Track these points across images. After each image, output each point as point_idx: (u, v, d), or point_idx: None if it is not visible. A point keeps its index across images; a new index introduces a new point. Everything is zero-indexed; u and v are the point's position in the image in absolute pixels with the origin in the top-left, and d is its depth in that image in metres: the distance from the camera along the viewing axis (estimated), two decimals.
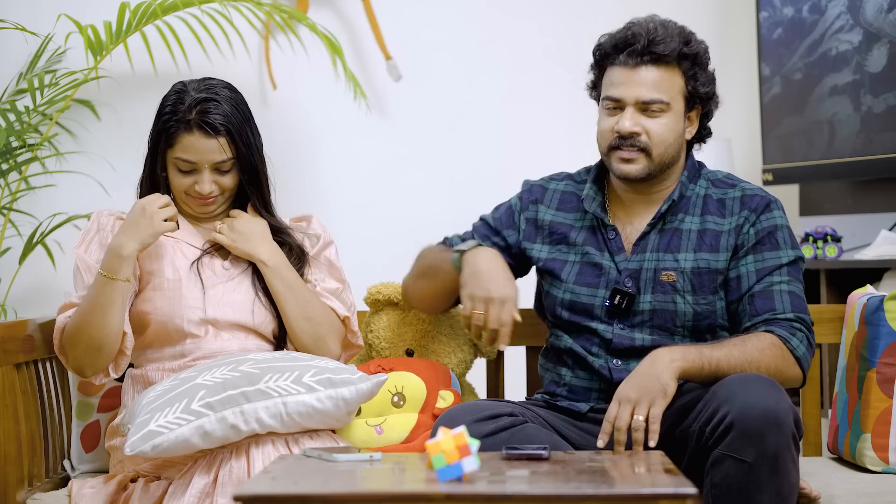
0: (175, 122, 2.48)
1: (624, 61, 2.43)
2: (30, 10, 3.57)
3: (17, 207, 3.49)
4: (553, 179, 2.61)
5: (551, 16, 3.87)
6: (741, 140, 4.10)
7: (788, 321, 2.39)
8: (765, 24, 3.88)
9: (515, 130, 3.76)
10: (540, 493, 1.81)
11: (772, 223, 2.46)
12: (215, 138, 2.47)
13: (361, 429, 2.55)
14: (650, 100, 2.42)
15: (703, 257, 2.45)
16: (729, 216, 2.47)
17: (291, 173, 3.69)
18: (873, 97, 3.46)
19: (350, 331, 2.62)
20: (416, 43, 3.87)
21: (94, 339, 2.44)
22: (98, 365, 2.48)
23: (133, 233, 2.45)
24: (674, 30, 2.45)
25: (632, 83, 2.43)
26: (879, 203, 3.67)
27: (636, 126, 2.42)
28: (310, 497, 1.82)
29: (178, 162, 2.50)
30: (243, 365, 2.36)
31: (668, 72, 2.43)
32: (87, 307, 2.45)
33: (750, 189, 2.50)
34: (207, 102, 2.47)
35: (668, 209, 2.48)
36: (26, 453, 2.54)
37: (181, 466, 2.38)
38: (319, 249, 2.64)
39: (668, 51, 2.42)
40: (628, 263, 2.46)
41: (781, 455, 2.13)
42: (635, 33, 2.44)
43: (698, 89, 2.47)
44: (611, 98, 2.45)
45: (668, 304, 2.43)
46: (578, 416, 2.47)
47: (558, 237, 2.53)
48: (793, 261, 2.44)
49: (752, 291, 2.41)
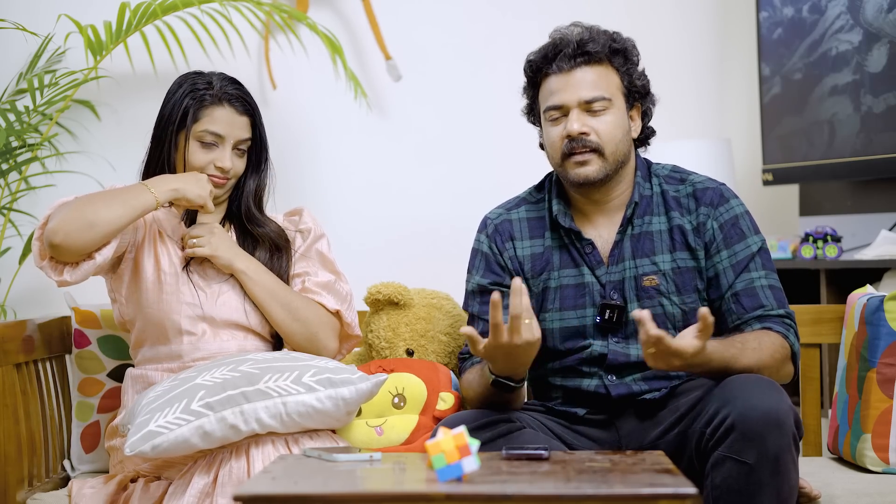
0: (205, 96, 2.53)
1: (558, 67, 2.43)
2: (30, 10, 3.57)
3: (17, 207, 3.49)
4: (511, 209, 2.56)
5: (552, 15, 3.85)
6: (741, 140, 4.10)
7: (780, 317, 2.40)
8: (765, 24, 3.88)
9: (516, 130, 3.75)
10: (540, 493, 1.81)
11: (731, 214, 2.46)
12: (243, 116, 2.56)
13: (362, 429, 2.55)
14: (592, 98, 2.41)
15: (680, 256, 2.44)
16: (687, 214, 2.46)
17: (291, 173, 3.69)
18: (873, 97, 3.46)
19: (345, 322, 2.62)
20: (416, 43, 3.87)
21: (95, 214, 2.38)
22: (72, 239, 2.36)
23: (189, 181, 2.49)
24: (598, 30, 2.47)
25: (570, 86, 2.42)
26: (879, 203, 3.67)
27: (584, 126, 2.41)
28: (310, 497, 1.82)
29: (203, 135, 2.53)
30: (243, 365, 2.36)
31: (602, 69, 2.44)
32: (110, 194, 2.45)
33: (699, 182, 2.49)
34: (234, 84, 2.58)
35: (633, 213, 2.46)
36: (26, 453, 2.54)
37: (181, 467, 2.38)
38: (311, 243, 2.65)
39: (598, 48, 2.43)
40: (610, 276, 2.45)
41: (782, 456, 2.12)
42: (563, 38, 2.45)
43: (634, 83, 2.47)
44: (553, 107, 2.44)
45: (655, 308, 2.42)
46: (575, 419, 2.46)
47: (539, 268, 2.49)
48: (761, 247, 2.45)
49: (734, 290, 2.41)
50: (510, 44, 3.87)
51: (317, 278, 2.61)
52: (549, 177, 2.57)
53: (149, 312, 2.51)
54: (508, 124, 3.78)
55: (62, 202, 2.46)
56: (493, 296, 2.14)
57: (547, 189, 2.54)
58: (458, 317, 2.82)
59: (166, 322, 2.50)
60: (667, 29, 4.00)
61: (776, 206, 4.16)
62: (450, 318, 2.82)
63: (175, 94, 2.56)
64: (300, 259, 2.63)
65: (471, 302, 2.52)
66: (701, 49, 4.08)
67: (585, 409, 2.45)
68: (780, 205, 4.15)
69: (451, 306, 2.85)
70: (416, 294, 2.83)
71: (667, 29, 4.00)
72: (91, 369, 2.75)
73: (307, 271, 2.62)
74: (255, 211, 2.62)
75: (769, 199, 4.15)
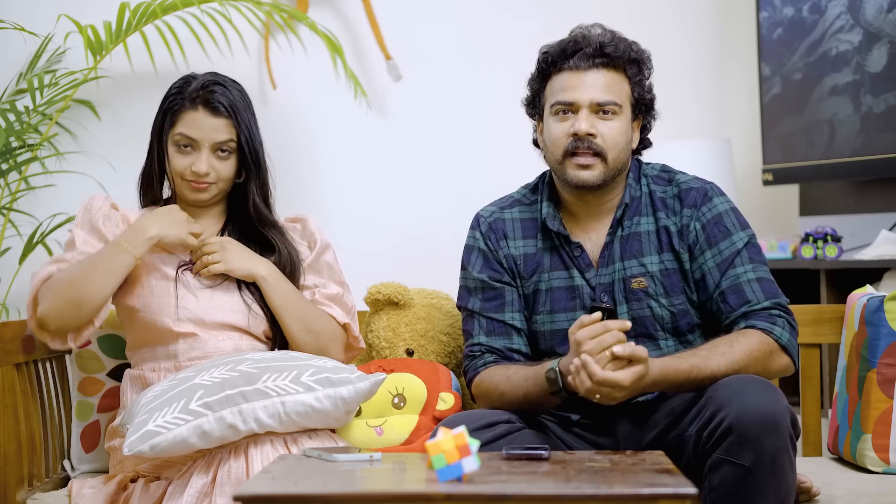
0: (180, 100, 2.51)
1: (574, 65, 2.42)
2: (30, 10, 3.57)
3: (17, 207, 3.49)
4: (504, 208, 2.54)
5: (552, 15, 3.86)
6: (741, 140, 4.10)
7: (766, 310, 2.37)
8: (765, 24, 3.88)
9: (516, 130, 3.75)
10: (540, 493, 1.81)
11: (715, 212, 2.44)
12: (219, 118, 2.51)
13: (362, 430, 2.55)
14: (605, 101, 2.40)
15: (667, 258, 2.43)
16: (672, 215, 2.45)
17: (291, 173, 3.69)
18: (873, 97, 3.46)
19: (352, 336, 2.62)
20: (417, 43, 3.87)
21: (79, 296, 2.42)
22: (67, 323, 2.44)
23: (166, 224, 2.48)
24: (620, 37, 2.45)
25: (584, 85, 2.41)
26: (879, 203, 3.67)
27: (592, 128, 2.39)
28: (310, 497, 1.82)
29: (178, 138, 2.51)
30: (241, 364, 2.36)
31: (616, 76, 2.42)
32: (88, 265, 2.44)
33: (684, 183, 2.47)
34: (215, 85, 2.53)
35: (623, 214, 2.45)
36: (26, 453, 2.54)
37: (180, 466, 2.38)
38: (318, 254, 2.63)
39: (618, 53, 2.41)
40: (599, 278, 2.44)
41: (779, 458, 2.12)
42: (586, 36, 2.43)
43: (644, 96, 2.46)
44: (563, 102, 2.42)
45: (644, 310, 2.41)
46: (569, 423, 2.45)
47: (531, 268, 2.48)
48: (747, 242, 2.42)
49: (720, 289, 2.39)
50: (510, 43, 3.88)
51: (326, 290, 2.61)
52: (542, 177, 2.56)
53: (142, 316, 2.51)
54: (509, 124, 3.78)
55: (43, 276, 2.46)
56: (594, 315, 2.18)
57: (540, 191, 2.53)
58: (458, 317, 2.82)
59: (159, 325, 2.49)
60: (667, 29, 4.00)
61: (776, 206, 4.16)
62: (450, 318, 2.82)
63: (164, 98, 2.56)
64: (309, 271, 2.62)
65: (471, 298, 2.49)
66: (701, 49, 4.09)
67: (578, 414, 2.44)
68: (780, 205, 4.15)
69: (450, 306, 2.85)
70: (416, 294, 2.83)
71: (667, 29, 4.00)
72: (91, 369, 2.74)
73: (317, 283, 2.62)
74: (265, 212, 2.61)
75: (769, 199, 4.15)
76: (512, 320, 2.46)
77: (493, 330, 2.46)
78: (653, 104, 2.49)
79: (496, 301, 2.47)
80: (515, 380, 2.36)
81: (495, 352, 2.44)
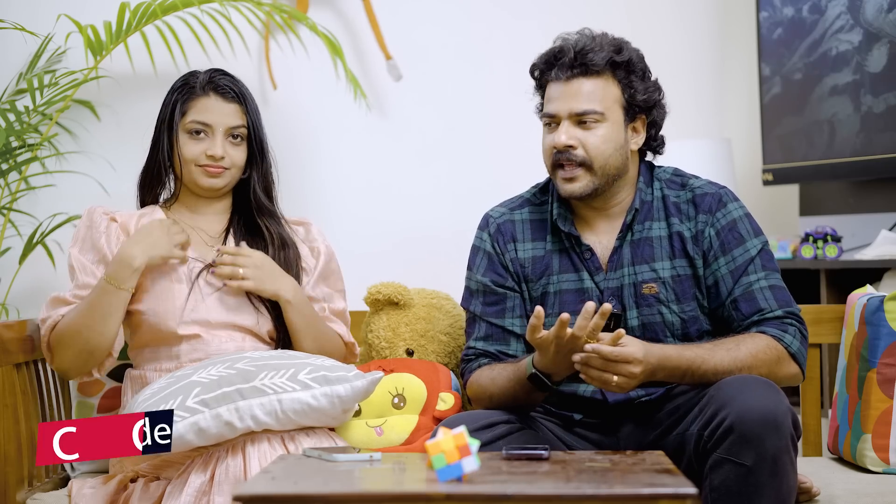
0: (189, 90, 2.55)
1: (556, 76, 2.41)
2: (30, 10, 3.57)
3: (17, 207, 3.49)
4: (514, 209, 2.53)
5: (552, 15, 3.87)
6: (741, 140, 4.10)
7: (778, 319, 2.37)
8: (765, 24, 3.88)
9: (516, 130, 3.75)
10: (540, 493, 1.81)
11: (729, 219, 2.43)
12: (231, 103, 2.56)
13: (362, 430, 2.55)
14: (582, 111, 2.38)
15: (679, 263, 2.42)
16: (686, 221, 2.44)
17: (291, 173, 3.68)
18: (873, 97, 3.46)
19: (351, 353, 2.66)
20: (417, 43, 3.87)
21: (88, 344, 2.46)
22: (84, 368, 2.50)
23: (147, 246, 2.47)
24: (604, 40, 2.42)
25: (564, 96, 2.40)
26: (879, 203, 3.67)
27: (571, 139, 2.38)
28: (310, 497, 1.82)
29: (191, 125, 2.54)
30: (239, 362, 2.36)
31: (601, 82, 2.40)
32: (86, 312, 2.45)
33: (699, 188, 2.46)
34: (222, 75, 2.59)
35: (633, 219, 2.45)
36: (26, 453, 2.54)
37: (179, 466, 2.38)
38: (325, 262, 2.64)
39: (597, 60, 2.38)
40: (608, 282, 2.43)
41: (780, 458, 2.12)
42: (563, 47, 2.42)
43: (636, 97, 2.42)
44: (547, 114, 2.43)
45: (654, 316, 2.41)
46: (571, 422, 2.45)
47: (540, 271, 2.47)
48: (761, 249, 2.42)
49: (733, 297, 2.39)
50: (510, 43, 3.88)
51: (333, 305, 2.63)
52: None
53: (146, 319, 2.51)
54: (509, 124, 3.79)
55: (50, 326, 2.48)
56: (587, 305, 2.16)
57: (550, 191, 2.52)
58: (458, 317, 2.82)
59: (164, 328, 2.49)
60: (667, 29, 4.00)
61: (776, 206, 4.16)
62: (450, 318, 2.82)
63: (169, 94, 2.58)
64: (318, 282, 2.63)
65: (473, 300, 2.50)
66: (701, 49, 4.08)
67: (581, 413, 2.45)
68: (780, 205, 4.15)
69: (451, 306, 2.84)
70: (416, 294, 2.83)
71: (667, 29, 4.00)
72: None
73: (325, 296, 2.63)
74: (265, 202, 2.61)
75: (769, 199, 4.15)
76: (512, 326, 2.45)
77: (492, 335, 2.46)
78: (654, 102, 2.45)
79: (497, 306, 2.47)
80: (500, 381, 2.37)
81: (489, 355, 2.44)
